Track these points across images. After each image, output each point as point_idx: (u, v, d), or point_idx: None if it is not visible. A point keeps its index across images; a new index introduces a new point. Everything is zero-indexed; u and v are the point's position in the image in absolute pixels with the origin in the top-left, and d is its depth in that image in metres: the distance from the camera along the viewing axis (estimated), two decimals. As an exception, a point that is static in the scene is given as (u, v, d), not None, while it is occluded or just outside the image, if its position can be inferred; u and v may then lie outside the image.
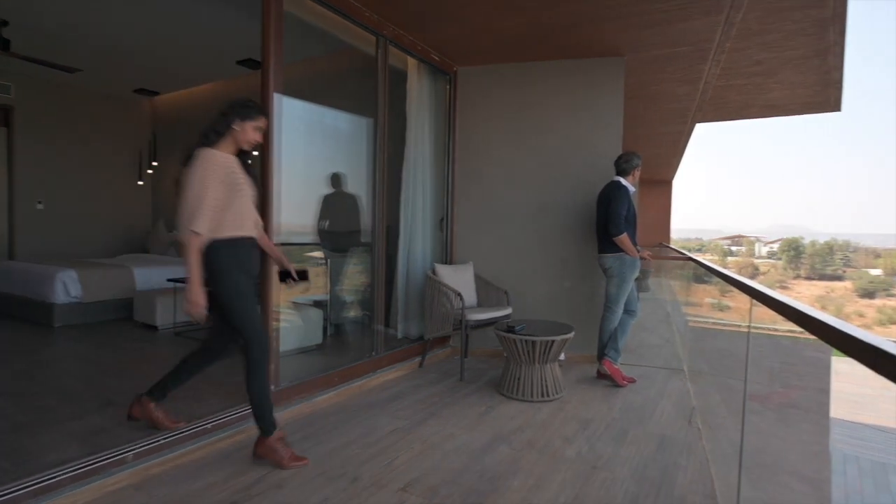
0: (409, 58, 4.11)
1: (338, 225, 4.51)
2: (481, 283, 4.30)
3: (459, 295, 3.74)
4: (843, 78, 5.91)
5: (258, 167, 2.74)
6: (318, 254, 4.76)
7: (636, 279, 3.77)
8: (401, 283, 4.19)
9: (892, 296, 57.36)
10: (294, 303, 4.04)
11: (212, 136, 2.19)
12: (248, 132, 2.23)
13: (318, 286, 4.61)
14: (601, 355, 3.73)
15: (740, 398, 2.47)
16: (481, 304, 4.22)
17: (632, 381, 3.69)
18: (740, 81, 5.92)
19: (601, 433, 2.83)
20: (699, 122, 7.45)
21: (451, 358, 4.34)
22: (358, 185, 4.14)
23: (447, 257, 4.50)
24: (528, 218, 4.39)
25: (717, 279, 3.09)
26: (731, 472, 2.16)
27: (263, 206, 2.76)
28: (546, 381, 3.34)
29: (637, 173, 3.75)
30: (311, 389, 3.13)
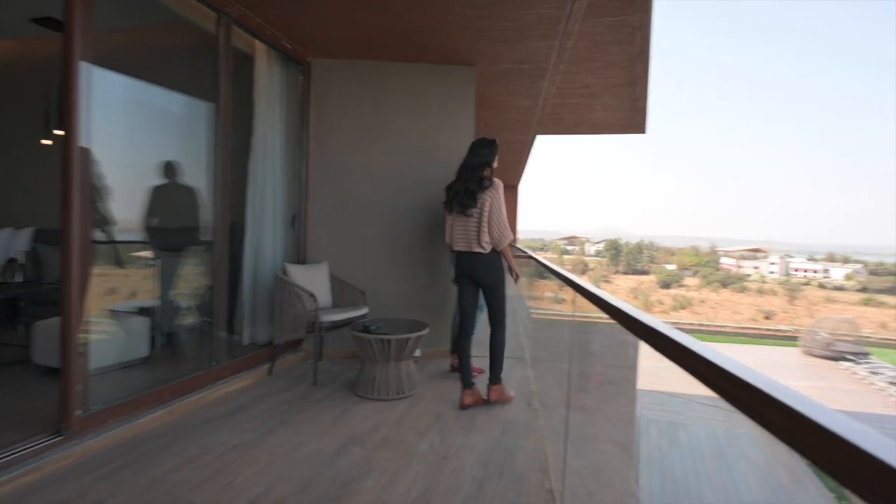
0: (257, 42, 3.81)
1: (171, 220, 3.99)
2: (336, 282, 4.18)
3: (313, 296, 3.58)
4: (647, 106, 7.10)
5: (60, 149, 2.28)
6: (146, 253, 4.16)
7: None
8: (247, 285, 3.87)
9: (682, 286, 71.04)
10: (112, 311, 3.46)
11: None
12: None
13: (144, 290, 4.03)
14: (453, 349, 3.91)
15: (571, 380, 2.79)
16: (336, 304, 4.10)
17: (481, 371, 3.92)
18: (572, 101, 6.73)
19: (452, 424, 2.96)
20: (540, 133, 8.29)
21: (305, 362, 4.15)
22: (196, 176, 3.71)
23: (300, 257, 4.28)
24: (385, 217, 4.40)
25: (556, 274, 3.46)
26: (560, 446, 2.42)
27: (64, 195, 2.30)
28: (401, 378, 3.38)
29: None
30: (134, 410, 2.70)
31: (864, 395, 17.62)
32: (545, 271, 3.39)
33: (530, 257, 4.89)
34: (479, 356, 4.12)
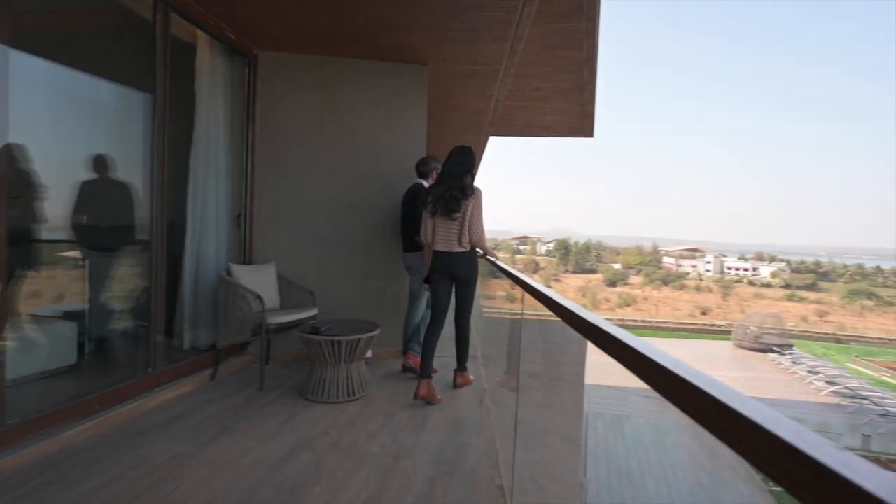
0: (199, 32, 3.63)
1: (101, 218, 3.73)
2: (285, 283, 4.06)
3: (259, 297, 3.46)
4: (595, 110, 7.37)
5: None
6: (74, 253, 3.87)
7: None
8: (188, 287, 3.68)
9: (627, 284, 74.21)
10: (34, 316, 3.19)
11: None
12: None
13: (72, 293, 3.75)
14: (406, 349, 3.89)
15: (521, 376, 2.84)
16: (285, 305, 3.98)
17: (434, 371, 3.93)
18: (523, 103, 6.88)
19: (404, 424, 2.95)
20: (493, 134, 8.41)
21: (250, 366, 4.00)
22: (131, 171, 3.49)
23: (245, 257, 4.12)
24: (336, 216, 4.32)
25: (506, 274, 3.51)
26: (511, 442, 2.46)
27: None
28: (352, 380, 3.33)
29: (436, 176, 4.00)
30: (58, 422, 2.51)
31: (788, 383, 19.08)
32: (497, 271, 3.44)
33: (483, 257, 4.95)
34: (437, 356, 4.13)
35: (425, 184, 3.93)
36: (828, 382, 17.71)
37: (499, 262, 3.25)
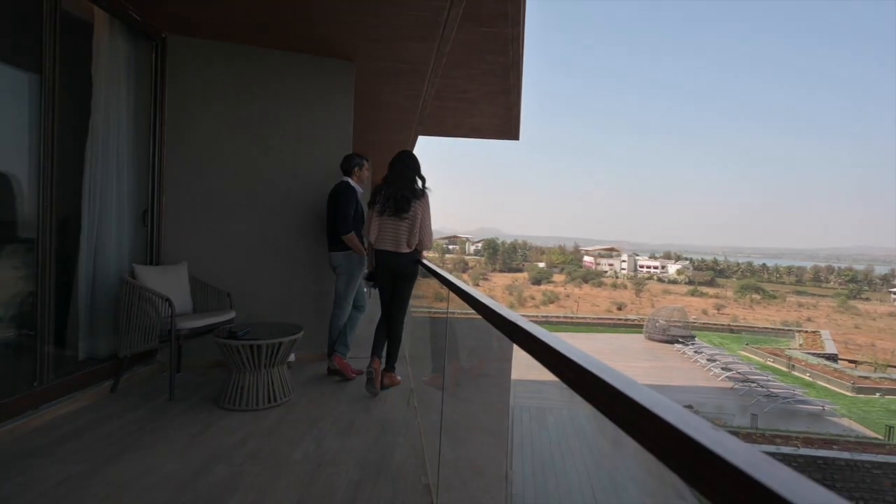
0: (96, 7, 3.29)
1: (-26, 213, 3.26)
2: (198, 285, 3.79)
3: (168, 300, 3.20)
4: (521, 114, 7.62)
5: None
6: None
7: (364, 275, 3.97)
8: (84, 291, 3.31)
9: (551, 282, 77.68)
10: None
11: None
12: None
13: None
14: (331, 352, 3.79)
15: (447, 374, 2.86)
16: (198, 309, 3.72)
17: (360, 373, 3.86)
18: (452, 104, 6.95)
19: (329, 429, 2.87)
20: (421, 134, 8.43)
21: (159, 375, 3.69)
22: (11, 160, 3.08)
23: (152, 257, 3.80)
24: (257, 214, 4.10)
25: (433, 273, 3.53)
26: (437, 441, 2.48)
27: None
28: (273, 385, 3.18)
29: (363, 174, 3.94)
30: (-84, 449, 2.16)
31: (691, 371, 20.93)
32: (424, 271, 3.46)
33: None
34: (359, 357, 4.06)
35: (351, 182, 3.85)
36: (723, 369, 19.66)
37: (426, 262, 3.27)
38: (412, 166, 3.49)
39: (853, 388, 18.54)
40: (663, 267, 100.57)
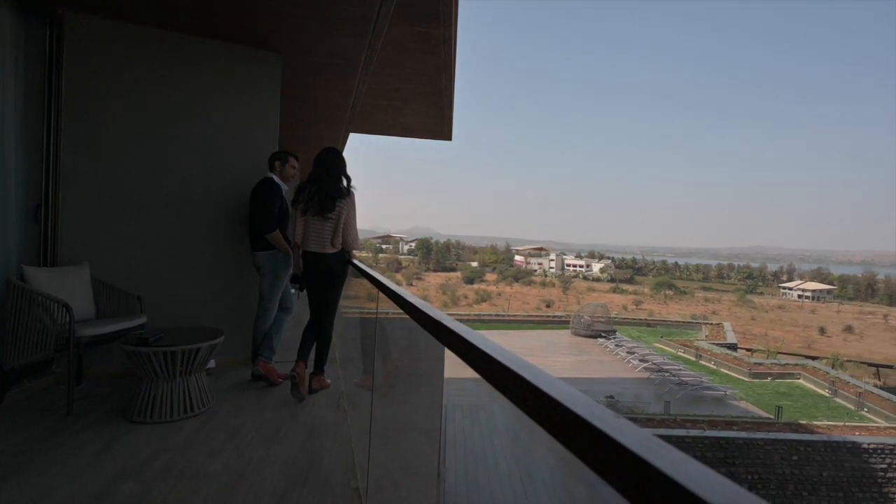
0: (-27, -26, 2.90)
1: None
2: (103, 288, 3.46)
3: (65, 305, 2.89)
4: (453, 115, 7.70)
5: None
6: None
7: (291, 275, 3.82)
8: (-40, 295, 2.91)
9: (483, 281, 79.32)
10: None
11: None
12: None
13: None
14: (255, 356, 3.61)
15: (378, 375, 2.83)
16: (103, 314, 3.40)
17: (287, 377, 3.71)
18: (384, 102, 6.89)
19: (252, 437, 2.73)
20: (353, 131, 8.28)
21: (55, 388, 3.32)
22: None
23: (46, 257, 3.41)
24: (171, 211, 3.81)
25: (362, 273, 3.47)
26: (367, 442, 2.44)
27: None
28: (190, 394, 2.97)
29: (287, 170, 3.79)
30: None
31: (612, 363, 22.26)
32: (356, 272, 3.39)
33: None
34: (285, 361, 3.90)
35: (276, 179, 3.69)
36: (641, 360, 21.10)
37: (356, 262, 3.21)
38: (337, 164, 3.38)
39: (750, 373, 20.62)
40: (588, 266, 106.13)
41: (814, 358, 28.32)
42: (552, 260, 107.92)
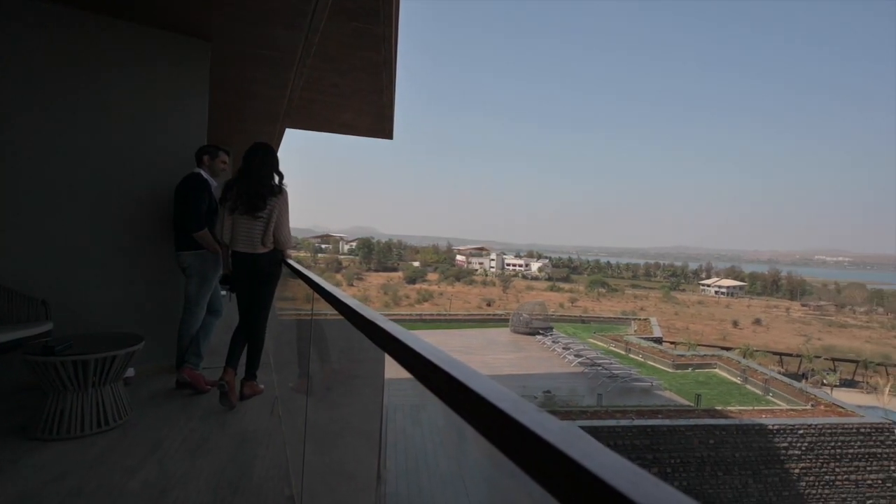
0: None
1: None
2: (1, 293, 3.11)
3: (-47, 312, 2.56)
4: (394, 114, 7.64)
5: None
6: None
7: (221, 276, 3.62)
8: None
9: (425, 281, 79.45)
10: None
11: None
12: None
13: None
14: (180, 363, 3.38)
15: (316, 378, 2.75)
16: (0, 321, 3.05)
17: (216, 384, 3.52)
18: (322, 98, 6.71)
19: (176, 450, 2.55)
20: (289, 126, 8.00)
21: (-59, 406, 2.94)
22: None
23: (-69, 257, 3.02)
24: (83, 206, 3.49)
25: (297, 273, 3.35)
26: (301, 448, 2.36)
27: None
28: (105, 406, 2.73)
29: (215, 165, 3.59)
30: None
31: (549, 359, 23.06)
32: (291, 272, 3.27)
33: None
34: (212, 367, 3.70)
35: (203, 174, 3.49)
36: (576, 355, 22.02)
37: (291, 262, 3.10)
38: (268, 161, 3.22)
39: (673, 365, 22.11)
40: (527, 265, 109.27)
41: (728, 349, 30.88)
42: (493, 259, 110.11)
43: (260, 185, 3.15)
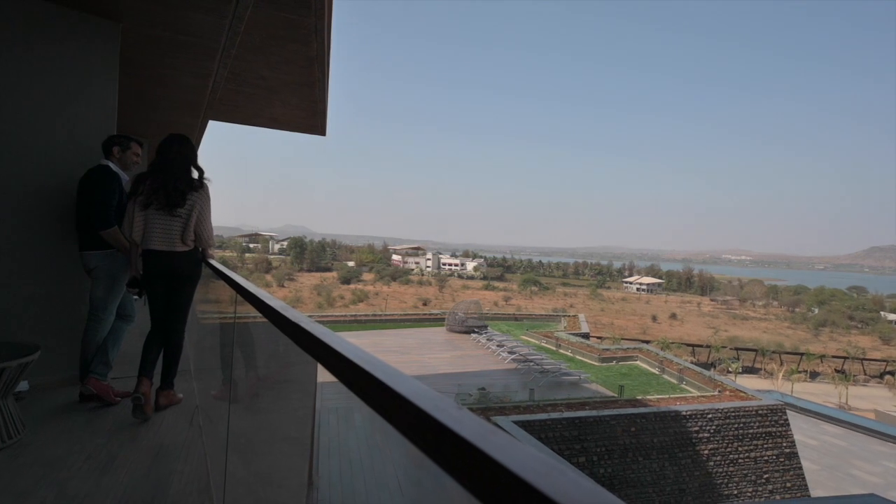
0: None
1: None
2: None
3: None
4: (327, 109, 7.43)
5: None
6: None
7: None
8: None
9: (361, 281, 78.17)
10: None
11: None
12: None
13: None
14: (85, 374, 3.07)
15: (242, 385, 2.61)
16: None
17: (127, 395, 3.24)
18: (248, 90, 6.39)
19: (79, 468, 2.32)
20: (214, 119, 7.54)
21: None
22: None
23: None
24: (-37, 200, 3.08)
25: (219, 274, 3.16)
26: (224, 458, 2.23)
27: None
28: (-9, 425, 2.43)
29: (127, 158, 3.30)
30: None
31: (484, 356, 23.51)
32: (213, 273, 3.09)
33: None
34: (123, 377, 3.42)
35: (112, 167, 3.20)
36: (509, 352, 22.62)
37: (213, 263, 2.93)
38: (185, 153, 3.03)
39: (599, 358, 23.34)
40: (463, 264, 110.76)
41: (648, 342, 33.12)
42: (429, 259, 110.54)
43: (178, 180, 2.95)
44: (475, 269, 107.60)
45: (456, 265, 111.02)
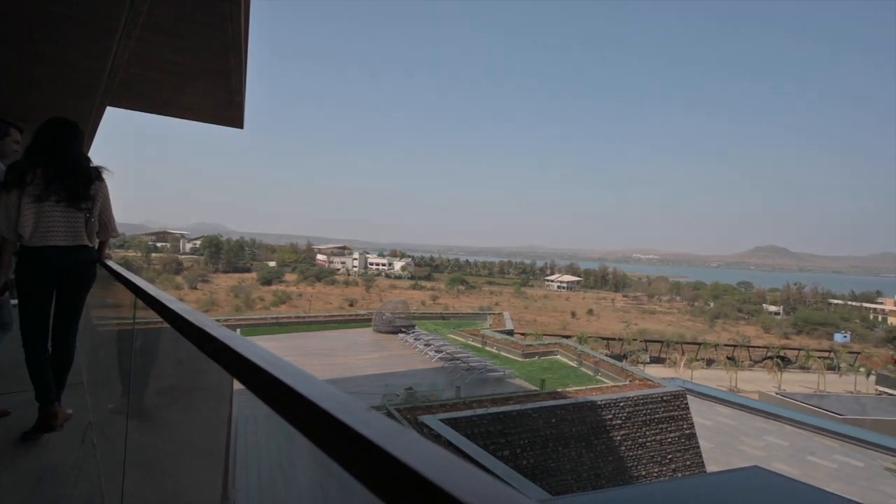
0: None
1: None
2: None
3: None
4: (245, 101, 7.03)
5: None
6: None
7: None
8: None
9: (283, 282, 75.04)
10: None
11: None
12: None
13: None
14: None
15: (144, 396, 2.40)
16: None
17: (5, 413, 2.86)
18: (156, 75, 5.89)
19: (-62, 502, 2.01)
20: (113, 105, 6.86)
21: None
22: None
23: None
24: None
25: (116, 276, 2.89)
26: (121, 478, 2.04)
27: None
28: None
29: (9, 145, 2.93)
30: None
31: (411, 356, 23.51)
32: (109, 275, 2.80)
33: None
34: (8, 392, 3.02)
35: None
36: (437, 351, 22.81)
37: (109, 263, 2.67)
38: (79, 140, 2.82)
39: (522, 354, 24.22)
40: (390, 264, 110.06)
41: (567, 337, 34.99)
42: (356, 259, 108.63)
43: (77, 170, 2.72)
44: (403, 268, 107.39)
45: (383, 265, 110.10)
